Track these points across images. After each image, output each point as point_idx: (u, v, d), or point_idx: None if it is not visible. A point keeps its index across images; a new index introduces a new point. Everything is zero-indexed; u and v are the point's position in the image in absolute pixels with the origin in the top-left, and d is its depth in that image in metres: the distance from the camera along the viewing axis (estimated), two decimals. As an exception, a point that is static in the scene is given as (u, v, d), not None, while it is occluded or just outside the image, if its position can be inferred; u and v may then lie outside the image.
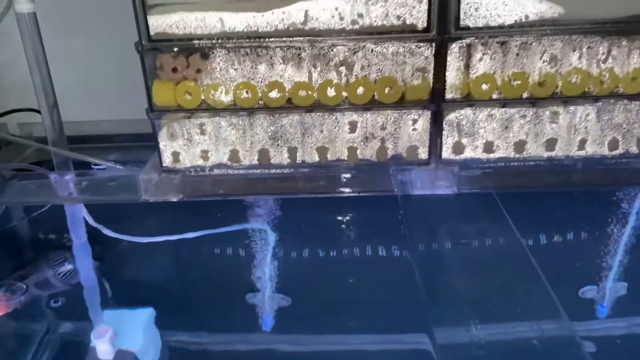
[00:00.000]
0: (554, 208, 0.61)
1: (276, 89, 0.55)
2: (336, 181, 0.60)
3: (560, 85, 0.54)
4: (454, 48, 0.53)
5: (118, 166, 0.64)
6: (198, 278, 0.66)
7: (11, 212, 0.71)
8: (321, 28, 0.53)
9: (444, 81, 0.55)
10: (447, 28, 0.52)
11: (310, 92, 0.56)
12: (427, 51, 0.54)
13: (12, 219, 0.71)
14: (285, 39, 0.53)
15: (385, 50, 0.54)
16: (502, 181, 0.59)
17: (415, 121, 0.57)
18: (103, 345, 0.46)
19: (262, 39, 0.53)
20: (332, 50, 0.54)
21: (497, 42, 0.53)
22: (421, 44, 0.53)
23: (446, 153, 0.58)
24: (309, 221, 0.67)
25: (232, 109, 0.57)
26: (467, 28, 0.52)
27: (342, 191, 0.61)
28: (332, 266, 0.60)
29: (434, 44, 0.53)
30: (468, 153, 0.58)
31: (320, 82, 0.55)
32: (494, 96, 0.55)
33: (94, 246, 0.70)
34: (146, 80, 0.56)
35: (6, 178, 0.65)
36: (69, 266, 0.71)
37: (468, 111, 0.56)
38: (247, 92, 0.56)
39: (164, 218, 0.69)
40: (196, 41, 0.53)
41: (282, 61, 0.54)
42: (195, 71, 0.55)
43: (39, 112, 0.61)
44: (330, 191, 0.61)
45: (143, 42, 0.54)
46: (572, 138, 0.57)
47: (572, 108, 0.55)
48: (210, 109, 0.57)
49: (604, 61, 0.53)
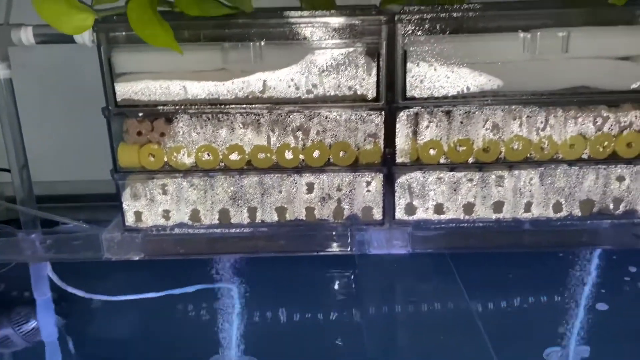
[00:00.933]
0: (506, 268, 0.63)
1: (236, 152, 0.58)
2: (295, 241, 0.62)
3: (503, 151, 0.58)
4: (402, 116, 0.57)
5: (84, 225, 0.66)
6: (162, 338, 0.66)
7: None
8: (279, 96, 0.56)
9: (394, 146, 0.58)
10: (395, 98, 0.56)
11: (269, 155, 0.58)
12: (377, 119, 0.57)
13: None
14: (245, 106, 0.57)
15: (338, 117, 0.57)
16: (454, 242, 0.61)
17: (369, 183, 0.60)
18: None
19: (223, 106, 0.57)
20: (289, 116, 0.57)
21: (442, 111, 0.57)
22: (371, 112, 0.57)
23: (399, 214, 0.60)
24: (274, 280, 0.68)
25: (194, 171, 0.59)
26: (414, 98, 0.56)
27: (301, 250, 0.63)
28: (297, 327, 0.60)
29: (384, 112, 0.57)
30: (420, 214, 0.60)
31: (278, 146, 0.58)
32: (442, 160, 0.58)
33: (58, 304, 0.70)
34: (112, 143, 0.58)
35: (-28, 236, 0.66)
36: (32, 324, 0.71)
37: (418, 174, 0.59)
38: (209, 155, 0.58)
39: (129, 277, 0.70)
40: (161, 107, 0.57)
41: (242, 126, 0.58)
42: (159, 135, 0.58)
43: (9, 172, 0.64)
44: (289, 251, 0.63)
45: (110, 108, 0.57)
46: (518, 201, 0.59)
47: (516, 172, 0.58)
48: (172, 171, 0.59)
49: (543, 129, 0.57)
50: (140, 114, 0.57)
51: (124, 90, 0.56)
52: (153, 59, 0.55)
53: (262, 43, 0.55)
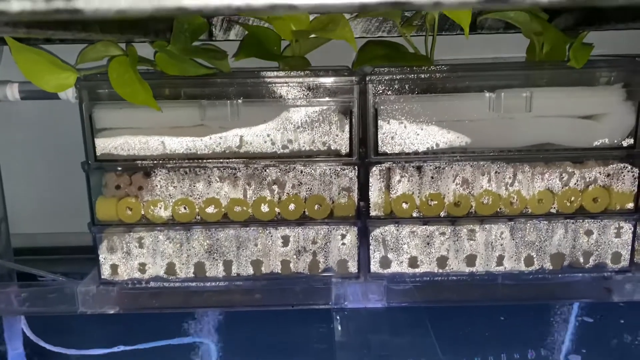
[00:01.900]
0: (481, 322, 0.63)
1: (213, 205, 0.59)
2: (271, 294, 0.62)
3: (474, 205, 0.59)
4: (375, 171, 0.59)
5: (60, 278, 0.65)
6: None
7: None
8: (255, 151, 0.58)
9: (368, 200, 0.59)
10: (368, 153, 0.58)
11: (245, 208, 0.59)
12: (351, 173, 0.59)
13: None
14: (222, 160, 0.58)
15: (313, 171, 0.59)
16: (429, 295, 0.62)
17: (343, 236, 0.60)
18: None
19: (201, 160, 0.58)
20: (265, 170, 0.59)
21: (413, 166, 0.58)
22: (345, 167, 0.58)
23: (374, 267, 0.61)
24: (251, 335, 0.68)
25: (171, 224, 0.60)
26: (385, 154, 0.58)
27: (278, 304, 0.63)
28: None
29: (357, 167, 0.58)
30: (395, 267, 0.61)
31: (254, 199, 0.59)
32: (414, 214, 0.60)
33: (31, 359, 0.69)
34: (90, 196, 0.59)
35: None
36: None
37: (392, 227, 0.60)
38: (185, 208, 0.59)
39: (104, 330, 0.70)
40: (139, 161, 0.58)
41: (219, 180, 0.59)
42: (137, 188, 0.59)
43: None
44: (265, 304, 0.63)
45: (89, 162, 0.58)
46: (491, 254, 0.60)
47: (487, 226, 0.60)
48: (149, 224, 0.60)
49: (512, 184, 0.59)
50: (119, 168, 0.59)
51: (104, 145, 0.58)
52: (133, 116, 0.57)
53: (240, 101, 0.57)
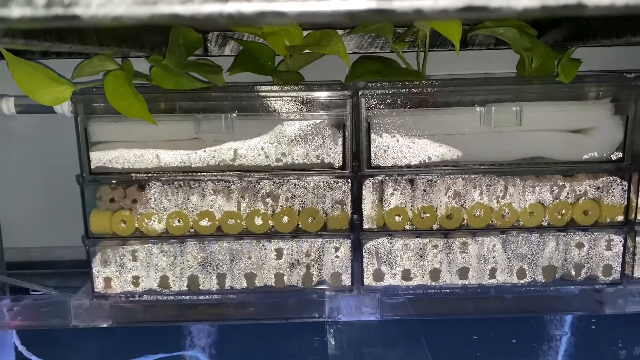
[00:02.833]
0: (475, 335, 0.63)
1: (207, 218, 0.60)
2: (264, 308, 0.62)
3: (466, 218, 0.60)
4: (368, 184, 0.59)
5: (53, 292, 0.65)
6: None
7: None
8: (249, 164, 0.59)
9: (361, 213, 0.60)
10: (361, 166, 0.59)
11: (238, 221, 0.60)
12: (345, 186, 0.59)
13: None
14: (216, 174, 0.59)
15: (307, 184, 0.59)
16: (423, 308, 0.62)
17: (337, 249, 0.61)
18: None
19: (195, 173, 0.59)
20: (259, 183, 0.59)
21: (406, 180, 0.59)
22: (338, 180, 0.59)
23: (368, 280, 0.61)
24: (244, 348, 0.67)
25: (164, 237, 0.60)
26: (378, 167, 0.59)
27: (271, 317, 0.63)
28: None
29: (350, 180, 0.59)
30: (388, 280, 0.61)
31: (248, 212, 0.60)
32: (407, 227, 0.60)
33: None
34: (84, 209, 0.59)
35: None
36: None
37: (385, 240, 0.60)
38: (179, 221, 0.60)
39: (96, 344, 0.69)
40: (134, 174, 0.59)
41: (213, 193, 0.59)
42: (131, 201, 0.60)
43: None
44: (259, 318, 0.63)
45: (84, 175, 0.59)
46: (483, 267, 0.61)
47: (480, 239, 0.60)
48: (143, 237, 0.60)
49: (503, 197, 0.59)
50: (113, 181, 0.59)
51: (99, 158, 0.58)
52: (128, 129, 0.58)
53: (234, 114, 0.58)
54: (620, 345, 0.63)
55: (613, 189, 0.60)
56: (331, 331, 0.63)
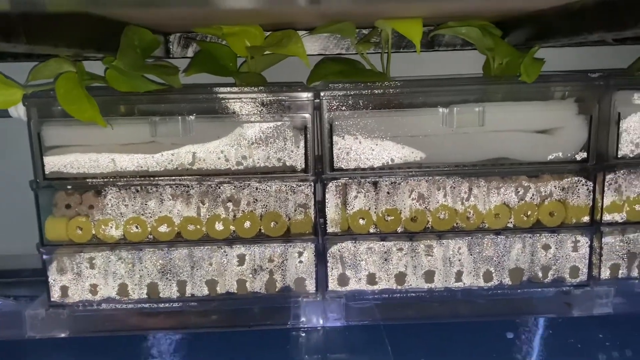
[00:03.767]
0: (442, 340, 0.62)
1: (165, 224, 0.58)
2: (228, 315, 0.61)
3: (430, 220, 0.59)
4: (331, 187, 0.58)
5: (11, 300, 0.63)
6: None
7: None
8: (208, 168, 0.57)
9: (325, 216, 0.59)
10: (323, 169, 0.58)
11: (198, 227, 0.58)
12: (307, 189, 0.58)
13: None
14: (174, 178, 0.57)
15: (269, 188, 0.58)
16: (389, 313, 0.61)
17: (301, 254, 0.59)
18: None
19: (152, 178, 0.57)
20: (219, 187, 0.58)
21: (369, 182, 0.58)
22: (301, 183, 0.58)
23: (332, 285, 0.60)
24: (208, 357, 0.66)
25: (122, 244, 0.58)
26: (341, 169, 0.58)
27: (235, 325, 0.61)
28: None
29: (313, 183, 0.58)
30: (353, 285, 0.60)
31: (208, 217, 0.58)
32: (372, 230, 0.59)
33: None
34: (39, 216, 0.57)
35: None
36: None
37: (349, 244, 0.59)
38: (137, 227, 0.58)
39: (53, 356, 0.67)
40: (90, 180, 0.57)
41: (172, 197, 0.58)
42: (88, 207, 0.58)
43: None
44: (222, 325, 0.61)
45: (38, 180, 0.57)
46: (449, 270, 0.60)
47: (445, 242, 0.59)
48: (100, 244, 0.58)
49: (467, 199, 0.59)
50: (69, 187, 0.57)
51: (53, 163, 0.56)
52: (83, 133, 0.56)
53: (193, 117, 0.56)
54: (593, 347, 0.62)
55: (578, 190, 0.59)
56: (296, 337, 0.62)
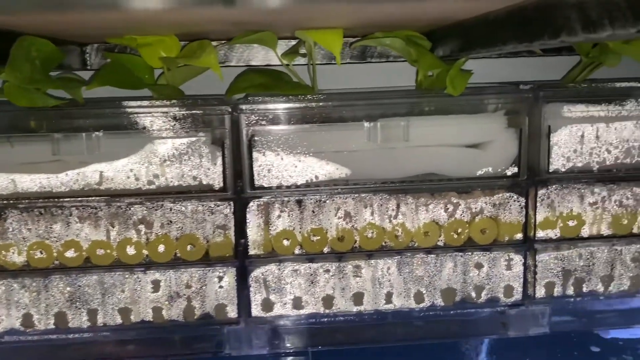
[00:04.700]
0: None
1: (72, 248, 0.54)
2: (145, 345, 0.57)
3: (358, 240, 0.56)
4: (252, 206, 0.55)
5: None
6: None
7: None
8: (117, 188, 0.53)
9: (246, 238, 0.55)
10: (243, 188, 0.54)
11: (109, 251, 0.54)
12: (226, 209, 0.55)
13: None
14: (80, 199, 0.53)
15: (184, 208, 0.54)
16: (317, 338, 0.57)
17: (221, 278, 0.56)
18: None
19: (57, 199, 0.53)
20: (130, 209, 0.54)
21: (293, 201, 0.55)
22: (219, 203, 0.54)
23: (256, 311, 0.56)
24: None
25: (26, 270, 0.54)
26: (262, 187, 0.54)
27: (153, 355, 0.57)
28: None
29: (232, 203, 0.54)
30: (278, 310, 0.57)
31: (119, 241, 0.54)
32: (297, 251, 0.56)
33: None
34: None
35: None
36: None
37: (273, 267, 0.56)
38: (42, 252, 0.54)
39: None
40: (-13, 202, 0.52)
41: (79, 220, 0.53)
42: (-15, 232, 0.53)
43: None
44: (139, 356, 0.57)
45: None
46: (378, 291, 0.57)
47: (373, 262, 0.56)
48: (1, 271, 0.53)
49: (395, 217, 0.56)
50: (-36, 210, 0.53)
51: (-55, 184, 0.52)
52: (-23, 151, 0.52)
53: (100, 133, 0.52)
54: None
55: (510, 206, 0.57)
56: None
